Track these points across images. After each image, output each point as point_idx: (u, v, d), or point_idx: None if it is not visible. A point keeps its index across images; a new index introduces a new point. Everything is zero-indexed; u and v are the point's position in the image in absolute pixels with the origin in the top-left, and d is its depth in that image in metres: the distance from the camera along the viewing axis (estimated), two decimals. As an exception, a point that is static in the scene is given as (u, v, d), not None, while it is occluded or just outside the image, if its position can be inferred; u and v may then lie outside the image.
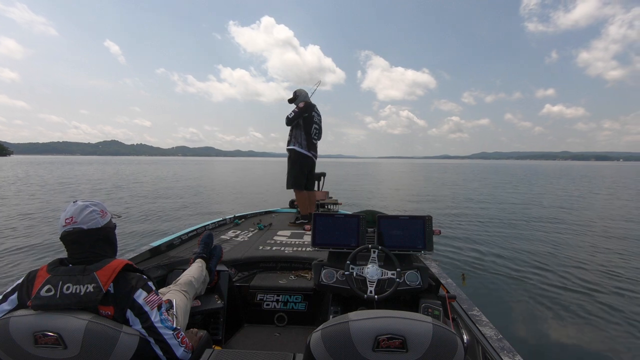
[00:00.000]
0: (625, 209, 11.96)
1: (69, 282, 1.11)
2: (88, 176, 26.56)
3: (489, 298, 4.07)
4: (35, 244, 6.22)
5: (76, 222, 1.20)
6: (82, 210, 1.22)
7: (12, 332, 1.04)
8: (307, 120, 4.21)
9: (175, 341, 1.24)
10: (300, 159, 4.24)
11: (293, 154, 4.26)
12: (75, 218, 1.21)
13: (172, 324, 1.26)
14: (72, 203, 1.25)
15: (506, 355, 1.38)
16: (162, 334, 1.20)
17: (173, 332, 1.24)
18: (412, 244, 1.99)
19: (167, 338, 1.21)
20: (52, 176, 25.69)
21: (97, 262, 1.17)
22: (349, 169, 52.54)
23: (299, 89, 4.47)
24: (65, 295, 1.09)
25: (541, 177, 33.05)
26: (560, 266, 5.23)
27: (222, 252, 2.38)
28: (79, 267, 1.15)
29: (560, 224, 8.86)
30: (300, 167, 4.26)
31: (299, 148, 4.21)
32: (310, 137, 4.27)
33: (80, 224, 1.20)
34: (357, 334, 0.93)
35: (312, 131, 4.27)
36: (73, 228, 1.20)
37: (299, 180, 4.27)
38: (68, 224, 1.20)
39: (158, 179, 24.67)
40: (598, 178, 32.45)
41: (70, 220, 1.20)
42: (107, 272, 1.14)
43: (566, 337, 3.24)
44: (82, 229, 1.21)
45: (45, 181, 20.98)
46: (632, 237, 7.43)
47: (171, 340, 1.22)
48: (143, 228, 7.88)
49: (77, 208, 1.22)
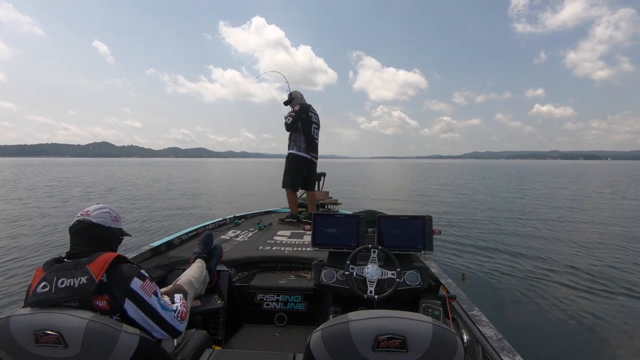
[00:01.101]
0: (630, 208, 11.95)
1: (63, 276, 1.15)
2: (79, 179, 25.59)
3: (489, 298, 4.07)
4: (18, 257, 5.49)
5: (89, 215, 1.31)
6: (99, 209, 1.35)
7: (12, 331, 1.04)
8: (305, 121, 4.26)
9: (178, 321, 1.34)
10: (298, 161, 4.32)
11: (291, 157, 4.35)
12: (90, 212, 1.32)
13: (171, 307, 1.35)
14: (95, 204, 1.39)
15: (506, 355, 1.38)
16: (165, 317, 1.28)
17: (174, 313, 1.33)
18: (412, 244, 1.99)
19: (169, 320, 1.29)
20: (40, 179, 24.63)
21: (89, 257, 1.21)
22: (343, 170, 51.61)
23: (294, 91, 4.50)
24: (60, 289, 1.13)
25: (539, 176, 33.07)
26: (561, 266, 5.23)
27: (222, 252, 2.38)
28: (73, 262, 1.20)
29: (561, 223, 8.87)
30: (297, 169, 4.34)
31: (297, 151, 4.30)
32: (311, 139, 4.31)
33: (90, 217, 1.31)
34: (357, 334, 0.93)
35: (312, 132, 4.31)
36: (84, 219, 1.30)
37: (294, 181, 4.36)
38: (82, 216, 1.31)
39: (153, 181, 24.04)
40: (597, 177, 32.48)
41: (85, 212, 1.32)
42: (98, 263, 1.18)
43: (566, 337, 3.24)
44: (91, 221, 1.30)
45: (35, 184, 20.09)
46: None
47: (174, 322, 1.31)
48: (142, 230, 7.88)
49: (96, 206, 1.36)
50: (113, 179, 26.02)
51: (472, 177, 32.59)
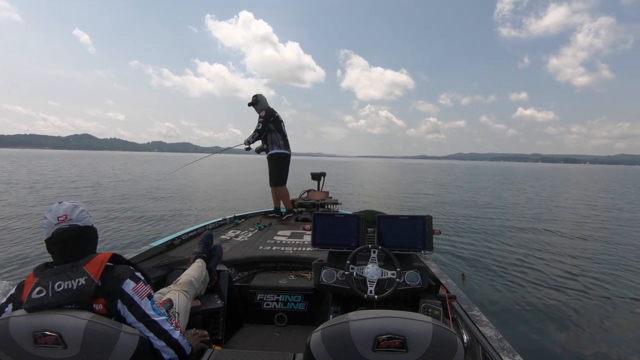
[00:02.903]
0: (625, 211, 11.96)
1: (59, 280, 1.11)
2: (62, 172, 23.28)
3: (489, 298, 4.07)
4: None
5: (71, 219, 1.20)
6: (74, 209, 1.22)
7: (12, 332, 1.04)
8: (275, 121, 4.56)
9: (171, 326, 1.28)
10: (282, 159, 4.64)
11: (275, 156, 4.62)
12: (69, 216, 1.20)
13: (164, 312, 1.30)
14: (59, 203, 1.23)
15: (506, 355, 1.38)
16: (157, 322, 1.23)
17: (167, 319, 1.28)
18: (412, 244, 1.99)
19: (162, 325, 1.24)
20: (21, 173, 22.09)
21: (83, 259, 1.18)
22: (331, 169, 49.65)
23: (259, 94, 4.75)
24: (57, 292, 1.09)
25: (533, 179, 33.05)
26: (561, 266, 5.23)
27: (222, 252, 2.38)
28: (67, 265, 1.15)
29: (561, 224, 8.87)
30: (282, 166, 4.66)
31: (278, 149, 4.59)
32: (285, 136, 4.64)
33: (75, 222, 1.20)
34: (357, 334, 0.93)
35: (283, 129, 4.64)
36: (69, 225, 1.19)
37: (283, 178, 4.69)
38: (62, 222, 1.18)
39: (143, 178, 21.64)
40: (586, 181, 32.45)
41: (64, 218, 1.19)
42: (95, 264, 1.15)
43: (566, 337, 3.24)
44: (79, 225, 1.21)
45: (15, 178, 18.00)
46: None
47: (166, 326, 1.26)
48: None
49: (69, 207, 1.22)
50: (105, 173, 24.08)
51: (465, 178, 32.58)
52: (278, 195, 4.74)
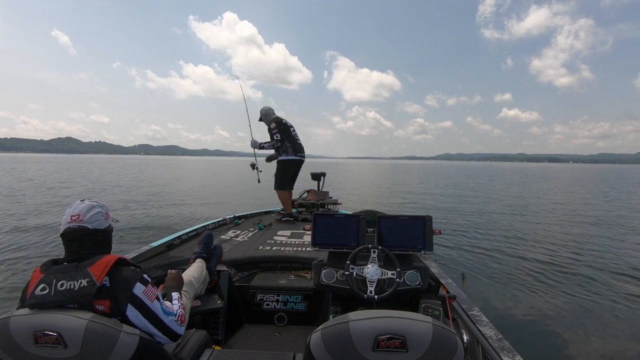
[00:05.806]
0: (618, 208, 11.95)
1: (62, 279, 1.12)
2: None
3: (489, 298, 4.06)
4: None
5: (82, 220, 1.22)
6: (90, 210, 1.25)
7: (12, 332, 1.04)
8: (285, 129, 4.61)
9: (177, 325, 1.34)
10: (287, 165, 4.71)
11: (282, 162, 4.71)
12: (82, 216, 1.23)
13: (172, 311, 1.35)
14: (80, 201, 1.28)
15: (506, 355, 1.38)
16: (166, 322, 1.28)
17: (175, 318, 1.33)
18: (412, 244, 1.99)
19: (169, 324, 1.29)
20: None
21: (89, 259, 1.19)
22: (322, 171, 48.75)
23: (262, 108, 4.82)
24: (59, 291, 1.10)
25: (529, 179, 33.02)
26: (561, 266, 5.23)
27: (222, 252, 2.38)
28: (72, 264, 1.17)
29: (561, 224, 8.87)
30: (287, 172, 4.73)
31: (286, 156, 4.67)
32: (294, 141, 4.67)
33: (85, 223, 1.23)
34: (357, 334, 0.93)
35: (293, 135, 4.68)
36: (78, 226, 1.22)
37: (285, 183, 4.75)
38: (73, 221, 1.22)
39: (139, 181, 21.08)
40: (583, 180, 32.38)
41: (76, 217, 1.22)
42: (99, 266, 1.16)
43: (566, 337, 3.24)
44: (87, 228, 1.23)
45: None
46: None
47: (174, 326, 1.31)
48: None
49: (85, 207, 1.25)
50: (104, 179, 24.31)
51: (460, 178, 32.55)
52: (282, 198, 4.80)
